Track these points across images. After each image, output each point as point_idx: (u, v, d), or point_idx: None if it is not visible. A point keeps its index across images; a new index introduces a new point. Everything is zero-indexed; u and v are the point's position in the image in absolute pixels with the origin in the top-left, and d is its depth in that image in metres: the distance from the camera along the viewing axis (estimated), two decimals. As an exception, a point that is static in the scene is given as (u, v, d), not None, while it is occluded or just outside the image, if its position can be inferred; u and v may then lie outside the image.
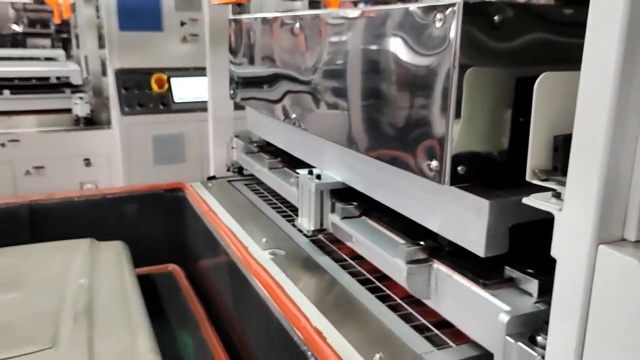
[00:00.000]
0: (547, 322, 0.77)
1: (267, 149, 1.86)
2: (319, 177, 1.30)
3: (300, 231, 1.43)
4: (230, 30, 1.80)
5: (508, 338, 0.79)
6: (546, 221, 0.86)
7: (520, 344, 0.77)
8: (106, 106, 3.89)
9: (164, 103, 3.25)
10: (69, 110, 3.63)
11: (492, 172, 0.88)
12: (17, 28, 10.47)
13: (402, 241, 1.05)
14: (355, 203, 1.24)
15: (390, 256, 1.04)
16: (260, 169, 1.75)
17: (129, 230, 1.82)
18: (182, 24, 3.33)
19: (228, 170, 2.06)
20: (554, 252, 0.65)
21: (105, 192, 1.85)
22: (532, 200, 0.69)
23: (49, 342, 1.10)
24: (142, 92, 3.21)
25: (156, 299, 1.48)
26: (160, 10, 3.27)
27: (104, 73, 4.33)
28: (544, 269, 0.88)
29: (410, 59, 0.89)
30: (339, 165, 1.30)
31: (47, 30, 10.57)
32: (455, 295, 0.94)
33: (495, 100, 0.86)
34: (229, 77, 1.88)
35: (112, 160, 3.42)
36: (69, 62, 4.80)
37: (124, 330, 1.18)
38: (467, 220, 0.90)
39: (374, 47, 0.99)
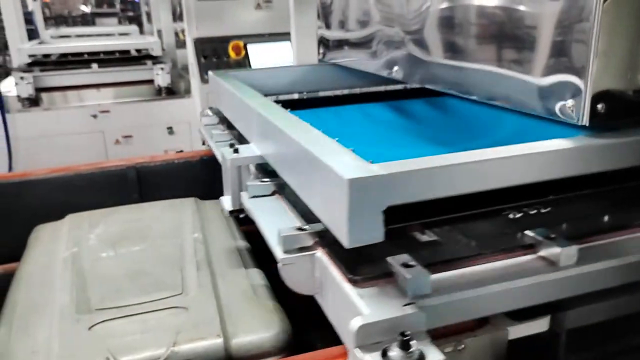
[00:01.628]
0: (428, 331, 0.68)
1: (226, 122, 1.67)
2: (237, 151, 1.14)
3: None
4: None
5: (357, 351, 0.66)
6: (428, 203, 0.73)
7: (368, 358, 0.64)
8: (182, 76, 4.00)
9: (242, 70, 3.30)
10: (147, 82, 3.77)
11: (631, 110, 0.85)
12: (86, 9, 10.92)
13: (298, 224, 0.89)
14: (268, 180, 1.08)
15: (272, 243, 0.87)
16: (209, 143, 1.62)
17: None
18: (256, -10, 3.35)
19: (203, 144, 1.84)
20: None
21: (202, 153, 1.92)
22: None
23: (179, 288, 1.17)
24: (220, 60, 3.28)
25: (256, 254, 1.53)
26: (235, -22, 3.32)
27: (178, 45, 4.46)
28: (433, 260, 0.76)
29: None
30: (260, 137, 1.14)
31: (113, 10, 10.96)
32: (331, 292, 0.80)
33: (636, 33, 0.82)
34: (317, 39, 1.89)
35: (193, 128, 3.54)
36: (147, 36, 4.96)
37: (243, 279, 1.24)
38: (332, 199, 0.73)
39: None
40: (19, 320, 1.11)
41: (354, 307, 0.71)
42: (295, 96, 1.77)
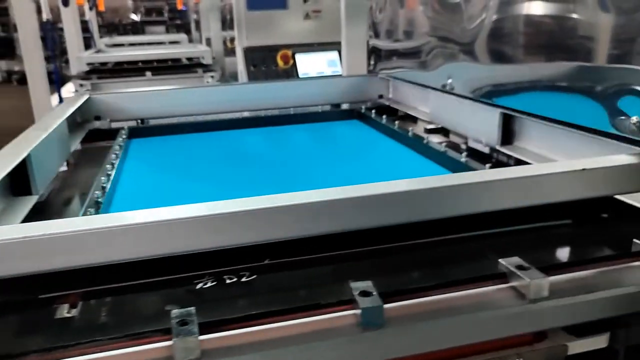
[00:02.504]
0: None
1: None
2: None
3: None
4: (373, 3, 1.82)
5: None
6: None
7: None
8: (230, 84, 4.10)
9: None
10: (197, 89, 3.87)
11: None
12: (135, 17, 11.34)
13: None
14: None
15: None
16: None
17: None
18: (305, 0, 3.41)
19: None
20: None
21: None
22: None
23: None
24: (269, 68, 3.35)
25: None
26: (286, -11, 3.39)
27: (226, 53, 4.57)
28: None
29: (613, 5, 0.86)
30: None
31: (161, 18, 11.33)
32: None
33: None
34: (367, 50, 1.92)
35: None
36: (197, 44, 5.11)
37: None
38: None
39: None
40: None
41: None
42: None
